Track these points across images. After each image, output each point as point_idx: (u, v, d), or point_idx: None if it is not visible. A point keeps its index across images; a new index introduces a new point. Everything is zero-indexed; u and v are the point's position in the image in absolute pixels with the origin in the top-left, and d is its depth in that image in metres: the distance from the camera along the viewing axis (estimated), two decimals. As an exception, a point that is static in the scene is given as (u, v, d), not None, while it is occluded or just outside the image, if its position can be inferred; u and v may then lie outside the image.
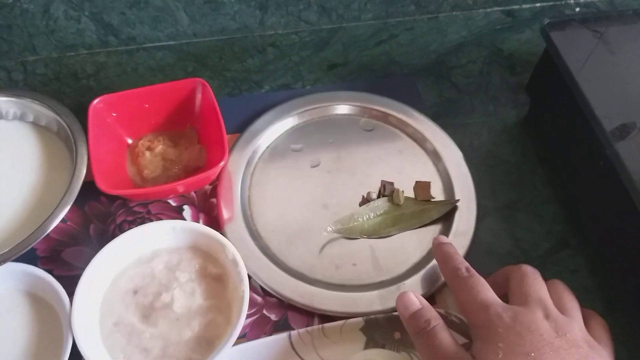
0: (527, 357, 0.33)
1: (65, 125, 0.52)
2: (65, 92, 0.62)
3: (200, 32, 0.67)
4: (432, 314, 0.40)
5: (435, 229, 0.53)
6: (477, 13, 0.72)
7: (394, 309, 0.46)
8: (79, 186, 0.48)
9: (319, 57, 0.67)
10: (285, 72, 0.65)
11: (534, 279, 0.40)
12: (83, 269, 0.46)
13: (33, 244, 0.45)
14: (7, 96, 0.55)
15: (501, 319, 0.36)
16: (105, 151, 0.52)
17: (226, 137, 0.51)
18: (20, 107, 0.55)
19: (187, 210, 0.54)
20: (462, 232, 0.52)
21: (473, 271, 0.41)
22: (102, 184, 0.48)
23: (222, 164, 0.49)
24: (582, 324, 0.39)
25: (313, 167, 0.57)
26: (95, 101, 0.53)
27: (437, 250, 0.45)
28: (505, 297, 0.41)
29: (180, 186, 0.51)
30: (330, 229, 0.51)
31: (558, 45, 0.52)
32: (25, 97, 0.55)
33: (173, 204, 0.54)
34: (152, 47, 0.67)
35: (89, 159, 0.50)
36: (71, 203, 0.47)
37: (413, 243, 0.52)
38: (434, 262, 0.50)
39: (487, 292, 0.39)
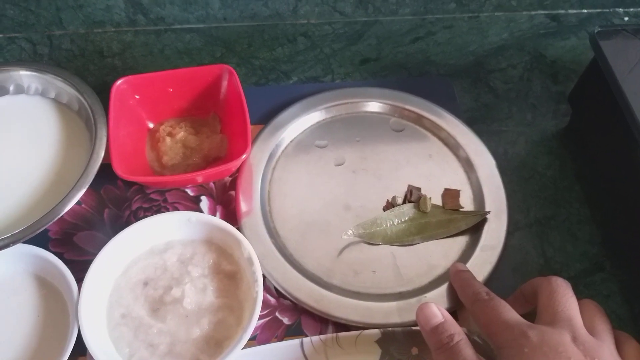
0: None
1: (86, 105, 0.51)
2: (89, 70, 0.61)
3: (231, 16, 0.65)
4: (455, 328, 0.38)
5: (462, 241, 0.50)
6: (521, 15, 0.69)
7: (413, 323, 0.44)
8: (96, 169, 0.47)
9: (351, 50, 0.64)
10: (315, 63, 0.62)
11: (563, 295, 0.38)
12: (94, 254, 0.45)
13: (46, 226, 0.44)
14: (30, 70, 0.53)
15: (527, 338, 0.34)
16: (125, 134, 0.50)
17: (250, 128, 0.49)
18: (43, 82, 0.54)
19: (204, 201, 0.52)
20: (490, 247, 0.49)
21: (493, 294, 0.40)
22: (119, 169, 0.46)
23: (244, 156, 0.47)
24: (614, 349, 0.36)
25: (337, 165, 0.55)
26: (119, 82, 0.51)
27: (456, 278, 0.44)
28: (533, 313, 0.39)
29: (199, 176, 0.49)
30: (351, 232, 0.49)
31: (607, 55, 0.49)
32: (49, 72, 0.53)
33: (191, 193, 0.53)
34: (181, 28, 0.65)
35: (108, 141, 0.48)
36: (87, 186, 0.46)
37: (437, 254, 0.49)
38: (458, 275, 0.47)
39: (510, 312, 0.38)
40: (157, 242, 0.47)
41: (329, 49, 0.64)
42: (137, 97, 0.53)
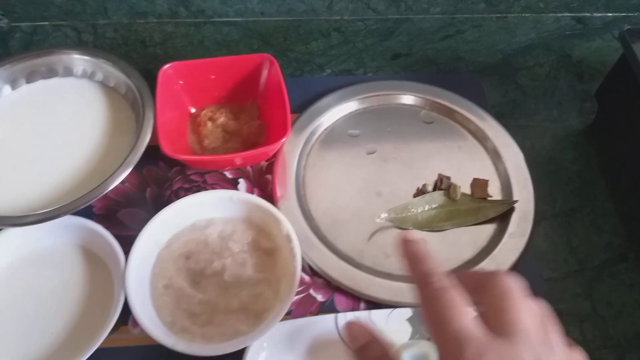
0: None
1: (134, 88, 0.53)
2: (132, 57, 0.64)
3: (268, 11, 0.67)
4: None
5: (490, 228, 0.52)
6: (547, 17, 0.71)
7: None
8: (144, 148, 0.49)
9: (383, 46, 0.66)
10: (348, 57, 0.65)
11: (520, 301, 0.29)
12: (137, 229, 0.47)
13: (95, 199, 0.46)
14: (80, 54, 0.56)
15: (469, 347, 0.27)
16: (169, 117, 0.53)
17: (289, 114, 0.51)
18: (92, 65, 0.56)
19: (242, 184, 0.54)
20: (517, 234, 0.51)
21: (448, 281, 0.30)
22: (166, 148, 0.48)
23: (284, 139, 0.49)
24: None
25: (369, 154, 0.57)
26: (166, 67, 0.53)
27: (405, 249, 0.34)
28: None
29: (239, 158, 0.52)
30: (384, 216, 0.51)
31: (637, 52, 0.51)
32: (98, 56, 0.56)
33: (229, 176, 0.55)
34: (220, 21, 0.67)
35: (155, 122, 0.50)
36: (135, 163, 0.48)
37: (466, 240, 0.51)
38: (486, 260, 0.49)
39: (464, 317, 0.29)
40: (199, 219, 0.49)
41: (361, 44, 0.66)
42: (181, 82, 0.55)
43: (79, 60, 0.56)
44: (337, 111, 0.59)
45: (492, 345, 0.27)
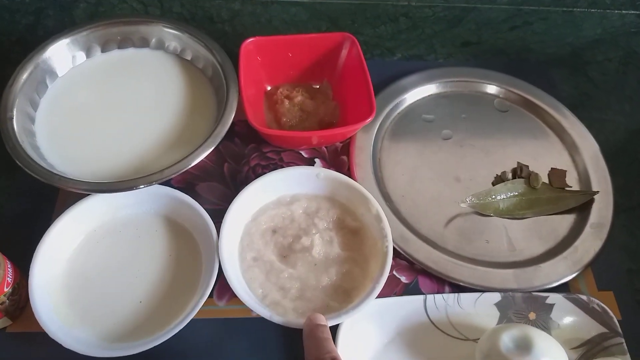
0: None
1: (215, 62, 0.52)
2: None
3: (336, -8, 0.66)
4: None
5: (570, 218, 0.52)
6: (612, 13, 0.70)
7: (531, 289, 0.46)
8: (230, 121, 0.48)
9: (452, 33, 0.66)
10: (418, 42, 0.64)
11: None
12: (214, 203, 0.47)
13: (186, 169, 0.45)
14: (161, 25, 0.55)
15: None
16: (250, 93, 0.52)
17: (373, 93, 0.51)
18: (169, 37, 0.55)
19: (318, 164, 0.54)
20: (598, 225, 0.51)
21: None
22: (255, 122, 0.47)
23: (369, 119, 0.49)
24: None
25: (445, 139, 0.56)
26: (248, 41, 0.53)
27: (309, 333, 0.37)
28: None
29: (321, 137, 0.51)
30: (469, 200, 0.50)
31: None
32: (179, 28, 0.55)
33: (305, 155, 0.54)
34: (286, 1, 0.67)
35: (240, 98, 0.49)
36: (222, 136, 0.47)
37: (547, 228, 0.51)
38: (569, 250, 0.49)
39: None
40: (284, 194, 0.48)
41: (430, 30, 0.66)
42: (259, 59, 0.54)
43: (156, 31, 0.55)
44: (411, 95, 0.59)
45: None
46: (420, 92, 0.59)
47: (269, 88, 0.57)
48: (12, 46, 0.61)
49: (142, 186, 0.44)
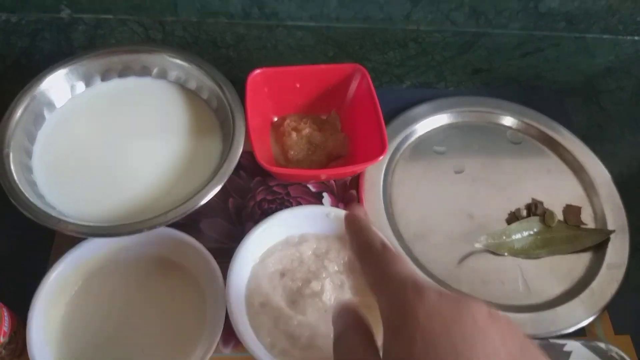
0: (453, 352, 0.22)
1: (220, 93, 0.51)
2: (204, 59, 0.61)
3: (344, 17, 0.65)
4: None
5: (585, 257, 0.50)
6: (625, 40, 0.69)
7: (548, 334, 0.44)
8: (237, 158, 0.46)
9: (463, 59, 0.64)
10: (427, 69, 0.62)
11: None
12: (219, 241, 0.45)
13: (191, 212, 0.43)
14: (162, 53, 0.53)
15: (422, 299, 0.24)
16: (256, 126, 0.50)
17: (385, 129, 0.49)
18: (173, 66, 0.54)
19: (326, 198, 0.52)
20: (615, 265, 0.49)
21: (389, 247, 0.30)
22: (262, 160, 0.46)
23: (381, 157, 0.47)
24: None
25: (457, 172, 0.55)
26: (255, 72, 0.51)
27: (349, 224, 0.34)
28: None
29: (332, 173, 0.49)
30: (483, 240, 0.49)
31: None
32: (183, 58, 0.53)
33: (312, 189, 0.52)
34: (293, 25, 0.65)
35: (246, 132, 0.48)
36: (229, 174, 0.45)
37: (563, 269, 0.49)
38: (586, 292, 0.47)
39: (404, 265, 0.28)
40: (292, 234, 0.47)
41: (440, 56, 0.64)
42: (266, 90, 0.53)
43: (158, 60, 0.53)
44: (421, 126, 0.57)
45: (435, 288, 0.25)
46: (431, 122, 0.57)
47: (275, 119, 0.55)
48: (7, 71, 0.59)
49: (145, 230, 0.42)
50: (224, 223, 0.49)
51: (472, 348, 0.22)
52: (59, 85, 0.51)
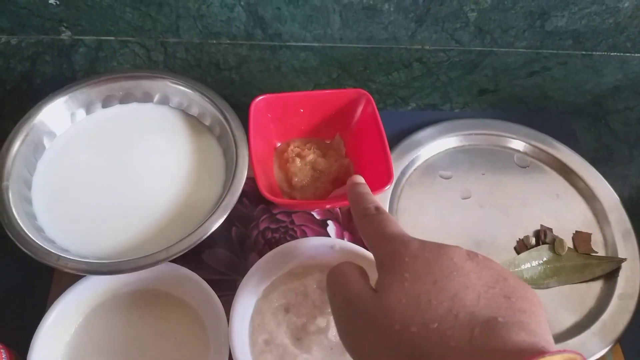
0: (434, 285, 0.27)
1: (223, 120, 0.50)
2: (207, 81, 0.60)
3: (347, 37, 0.64)
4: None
5: (596, 287, 0.49)
6: (633, 57, 0.68)
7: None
8: (240, 189, 0.45)
9: (468, 80, 0.63)
10: (432, 91, 0.62)
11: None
12: (223, 272, 0.44)
13: (193, 246, 0.42)
14: (164, 79, 0.53)
15: (407, 247, 0.30)
16: (259, 153, 0.49)
17: (391, 159, 0.48)
18: (175, 92, 0.53)
19: (331, 226, 0.51)
20: (627, 295, 0.48)
21: (383, 210, 0.35)
22: (266, 191, 0.45)
23: (387, 187, 0.46)
24: None
25: (464, 198, 0.54)
26: (258, 99, 0.50)
27: (350, 191, 0.39)
28: None
29: (332, 204, 0.48)
30: (492, 271, 0.47)
31: None
32: (184, 84, 0.52)
33: (317, 217, 0.52)
34: (296, 46, 0.64)
35: (250, 160, 0.47)
36: (233, 205, 0.44)
37: (573, 299, 0.48)
38: (597, 323, 0.46)
39: (395, 226, 0.33)
40: (296, 266, 0.46)
41: (445, 77, 0.63)
42: (269, 115, 0.52)
43: (160, 86, 0.53)
44: (427, 150, 0.56)
45: (418, 239, 0.31)
46: (436, 146, 0.57)
47: (279, 144, 0.54)
48: (6, 96, 0.58)
49: (147, 267, 0.41)
50: (227, 253, 0.49)
51: (451, 281, 0.27)
52: (58, 113, 0.50)
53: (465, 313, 0.25)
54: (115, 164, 0.49)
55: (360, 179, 0.41)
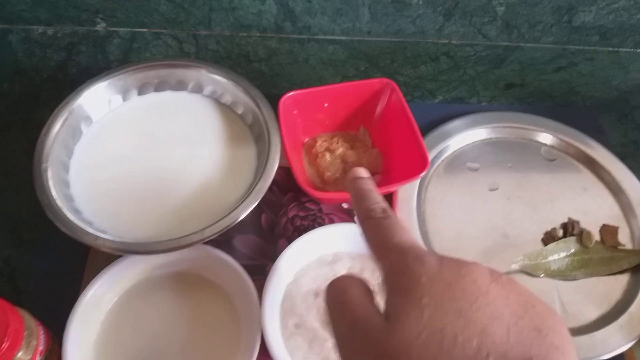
0: (459, 316, 0.23)
1: (256, 109, 0.51)
2: (237, 73, 0.61)
3: (375, 31, 0.64)
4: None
5: (623, 279, 0.49)
6: (660, 53, 0.68)
7: (586, 361, 0.43)
8: (273, 174, 0.46)
9: (495, 74, 0.63)
10: (459, 84, 0.62)
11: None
12: (252, 257, 0.45)
13: (227, 229, 0.43)
14: (200, 68, 0.53)
15: (423, 264, 0.25)
16: (291, 148, 0.50)
17: (424, 143, 0.48)
18: (209, 81, 0.54)
19: (358, 215, 0.52)
20: (654, 289, 0.48)
21: (391, 212, 0.30)
22: (304, 184, 0.46)
23: (423, 173, 0.46)
24: None
25: (491, 190, 0.54)
26: (286, 97, 0.51)
27: (352, 187, 0.33)
28: None
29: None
30: (519, 260, 0.48)
31: None
32: (219, 73, 0.53)
33: (345, 206, 0.52)
34: (324, 39, 0.65)
35: (285, 152, 0.47)
36: (265, 191, 0.45)
37: (600, 292, 0.48)
38: (624, 316, 0.46)
39: (405, 234, 0.29)
40: (326, 253, 0.46)
41: (472, 71, 0.63)
42: (295, 112, 0.52)
43: (194, 75, 0.54)
44: (455, 141, 0.56)
45: (434, 254, 0.26)
46: (464, 138, 0.57)
47: (306, 140, 0.55)
48: (43, 84, 0.60)
49: (182, 247, 0.42)
50: (257, 239, 0.49)
51: (477, 312, 0.23)
52: (97, 99, 0.51)
53: (497, 354, 0.22)
54: (150, 150, 0.50)
55: (363, 172, 0.34)
